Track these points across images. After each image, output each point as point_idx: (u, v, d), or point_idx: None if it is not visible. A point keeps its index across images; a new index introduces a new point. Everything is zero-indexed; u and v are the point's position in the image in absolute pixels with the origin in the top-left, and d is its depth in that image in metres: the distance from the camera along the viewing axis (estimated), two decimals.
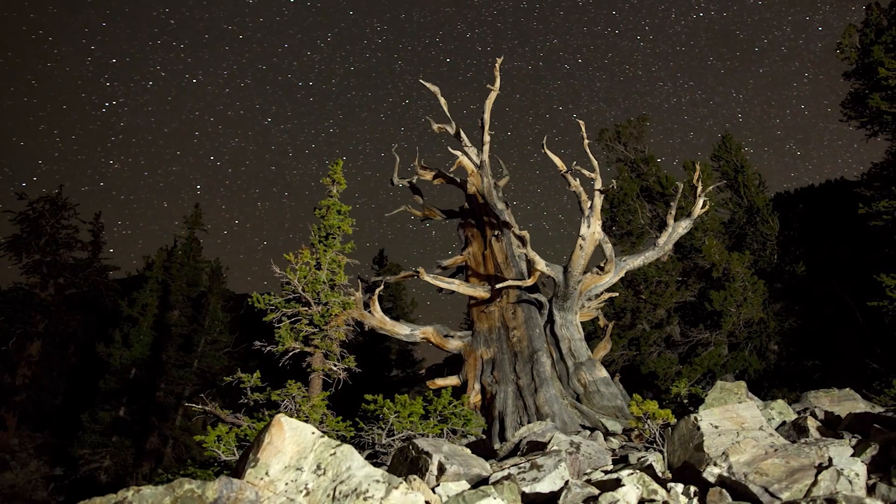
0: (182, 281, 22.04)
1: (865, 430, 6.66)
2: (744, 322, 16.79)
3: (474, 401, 10.11)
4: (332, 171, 8.63)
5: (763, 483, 4.39)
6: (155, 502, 3.36)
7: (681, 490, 4.59)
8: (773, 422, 7.68)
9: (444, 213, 13.27)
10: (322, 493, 3.66)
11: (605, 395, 9.44)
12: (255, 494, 3.49)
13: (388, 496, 3.52)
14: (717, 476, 4.60)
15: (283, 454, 3.87)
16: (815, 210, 19.56)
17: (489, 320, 10.89)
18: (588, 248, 9.66)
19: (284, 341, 7.21)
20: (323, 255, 7.78)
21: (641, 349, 17.96)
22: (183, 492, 3.37)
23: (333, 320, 7.35)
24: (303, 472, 3.79)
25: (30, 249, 22.26)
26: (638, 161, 21.00)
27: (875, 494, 5.03)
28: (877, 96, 13.95)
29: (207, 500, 3.35)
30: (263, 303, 7.50)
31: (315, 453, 3.88)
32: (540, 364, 9.73)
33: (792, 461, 4.70)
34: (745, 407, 6.39)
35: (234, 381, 6.87)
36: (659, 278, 18.10)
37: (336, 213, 8.23)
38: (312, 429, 4.01)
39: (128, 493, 3.39)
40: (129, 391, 19.04)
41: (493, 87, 11.43)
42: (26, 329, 21.19)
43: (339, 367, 7.51)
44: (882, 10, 15.15)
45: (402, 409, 6.22)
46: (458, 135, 12.19)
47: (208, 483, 3.38)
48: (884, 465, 5.42)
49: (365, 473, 3.66)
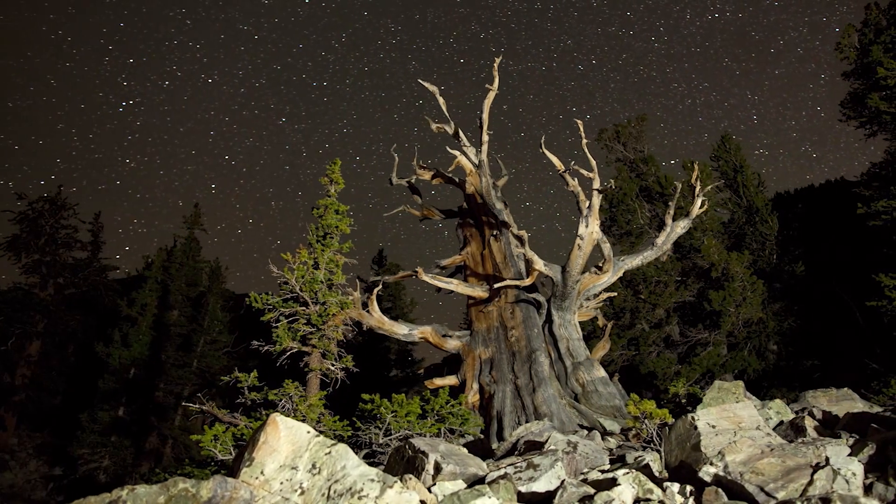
0: (181, 281, 22.03)
1: (863, 429, 6.65)
2: (743, 322, 16.79)
3: (472, 400, 10.10)
4: (330, 170, 8.63)
5: (759, 482, 4.38)
6: (149, 501, 3.36)
7: (677, 489, 4.59)
8: (771, 421, 7.68)
9: (443, 213, 13.26)
10: (317, 493, 3.66)
11: (604, 395, 9.43)
12: (249, 493, 3.48)
13: (382, 495, 3.52)
14: (712, 475, 4.60)
15: (278, 453, 3.87)
16: (815, 210, 19.56)
17: (487, 320, 10.89)
18: (586, 247, 9.66)
19: (282, 341, 7.20)
20: (321, 255, 7.78)
21: (641, 349, 17.95)
22: (177, 491, 3.37)
23: (331, 320, 7.34)
24: (298, 471, 3.78)
25: (29, 249, 22.28)
26: (637, 161, 21.00)
27: (872, 494, 5.02)
28: (875, 96, 13.94)
29: (202, 500, 3.35)
30: (261, 302, 7.49)
31: (310, 452, 3.88)
32: (538, 364, 9.73)
33: (788, 461, 4.70)
34: (742, 406, 6.38)
35: (231, 380, 6.87)
36: (658, 278, 18.09)
37: (334, 213, 8.23)
38: (308, 428, 4.00)
39: (122, 492, 3.39)
40: (128, 391, 19.04)
41: (492, 87, 11.43)
42: (25, 329, 21.20)
43: (337, 366, 7.51)
44: (881, 9, 15.14)
45: (398, 409, 6.22)
46: (456, 134, 12.19)
47: (203, 482, 3.38)
48: (881, 465, 5.42)
49: (360, 473, 3.66)
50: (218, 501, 3.38)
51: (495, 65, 11.40)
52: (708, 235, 17.95)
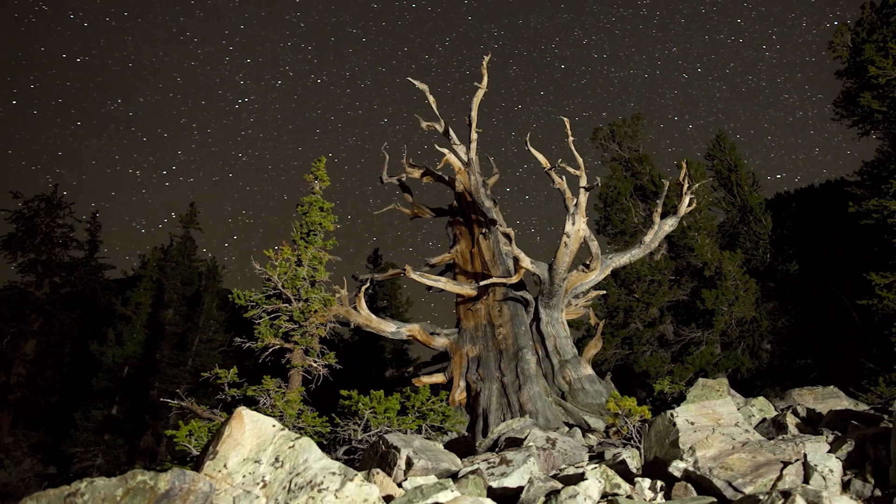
0: (177, 279, 22.05)
1: (845, 427, 6.65)
2: (736, 321, 16.76)
3: (459, 398, 10.09)
4: (315, 168, 8.63)
5: (727, 477, 4.37)
6: (107, 494, 3.36)
7: (647, 485, 4.58)
8: (754, 419, 7.67)
9: (434, 211, 13.26)
10: (278, 486, 3.66)
11: (590, 393, 9.42)
12: (209, 486, 3.48)
13: (342, 488, 3.51)
14: (682, 470, 4.59)
15: (242, 447, 3.87)
16: (810, 209, 19.51)
17: (475, 318, 10.88)
18: (573, 245, 9.64)
19: (264, 337, 7.21)
20: (304, 252, 7.78)
21: (634, 348, 17.92)
22: (135, 483, 3.37)
23: (313, 316, 7.34)
24: (261, 464, 3.78)
25: (25, 248, 22.29)
26: (632, 160, 20.98)
27: (850, 490, 5.01)
28: (868, 95, 13.90)
29: (159, 491, 3.35)
30: (244, 299, 7.50)
31: (274, 446, 3.88)
32: (524, 361, 9.72)
33: (759, 456, 4.69)
34: (721, 403, 6.38)
35: (211, 377, 6.88)
36: (652, 277, 18.07)
37: (318, 210, 8.23)
38: (273, 422, 4.00)
39: (81, 484, 3.39)
40: (122, 389, 19.05)
41: (481, 85, 11.43)
42: (21, 328, 21.21)
43: (320, 363, 7.51)
44: (874, 8, 15.11)
45: (377, 405, 6.21)
46: (446, 132, 12.19)
47: (161, 475, 3.38)
48: (859, 462, 5.41)
49: (321, 466, 3.66)
50: (176, 493, 3.38)
51: (484, 63, 11.40)
52: (702, 234, 17.92)
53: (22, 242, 22.28)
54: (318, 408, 7.53)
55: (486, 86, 11.43)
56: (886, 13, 14.73)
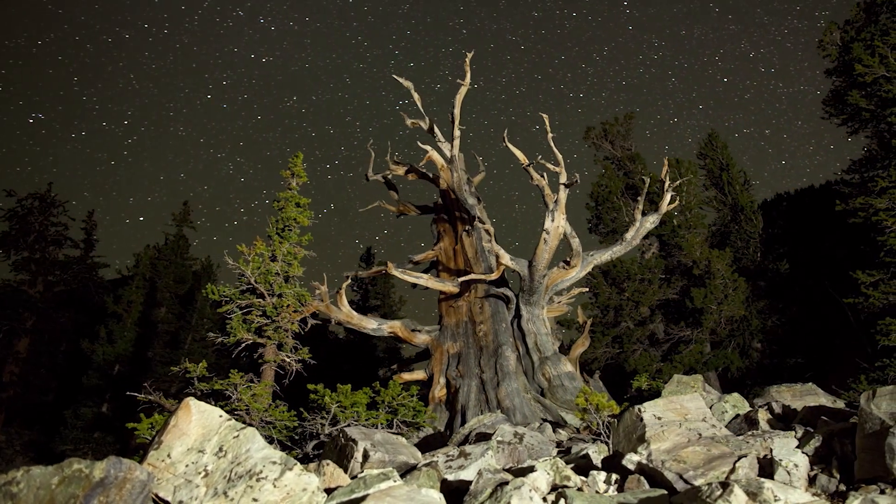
0: (169, 278, 22.07)
1: (817, 422, 6.64)
2: (725, 319, 16.71)
3: (439, 395, 10.09)
4: (293, 164, 8.64)
5: (679, 470, 4.36)
6: (43, 482, 3.36)
7: (602, 478, 4.57)
8: (727, 415, 7.64)
9: (419, 209, 13.26)
10: (219, 475, 3.66)
11: (569, 390, 9.40)
12: (146, 475, 3.48)
13: (281, 477, 3.52)
14: (636, 463, 4.58)
15: (187, 437, 3.88)
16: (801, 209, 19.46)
17: (457, 315, 10.87)
18: (552, 242, 9.63)
19: (236, 332, 7.21)
20: (278, 247, 7.78)
21: (624, 346, 17.88)
22: (71, 471, 3.37)
23: (285, 311, 7.34)
24: (205, 454, 3.79)
25: (18, 246, 22.36)
26: (624, 159, 20.95)
27: (815, 485, 4.99)
28: (856, 93, 13.86)
29: (94, 480, 3.35)
30: (217, 294, 7.50)
31: (219, 436, 3.89)
32: (504, 358, 9.71)
33: (713, 450, 4.67)
34: (689, 399, 6.36)
35: (181, 371, 6.88)
36: (642, 276, 18.02)
37: (294, 206, 8.24)
38: (220, 412, 4.01)
39: (17, 473, 3.39)
40: (112, 387, 19.07)
41: (464, 83, 11.43)
42: (14, 326, 21.29)
43: (293, 358, 7.51)
44: (862, 7, 15.07)
45: (343, 399, 6.21)
46: (431, 130, 12.20)
47: (96, 463, 3.38)
48: (826, 457, 5.39)
49: (263, 455, 3.66)
50: (111, 482, 3.38)
51: (466, 60, 11.40)
52: (692, 233, 17.89)
53: (16, 241, 22.36)
54: (297, 403, 7.54)
55: (469, 83, 11.44)
56: (875, 11, 14.68)
